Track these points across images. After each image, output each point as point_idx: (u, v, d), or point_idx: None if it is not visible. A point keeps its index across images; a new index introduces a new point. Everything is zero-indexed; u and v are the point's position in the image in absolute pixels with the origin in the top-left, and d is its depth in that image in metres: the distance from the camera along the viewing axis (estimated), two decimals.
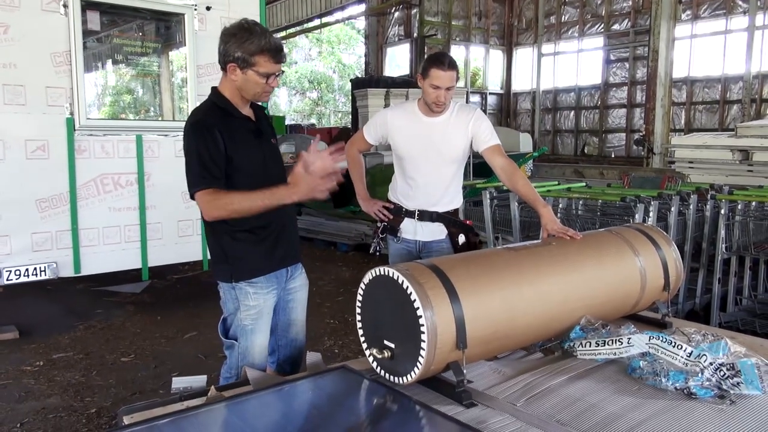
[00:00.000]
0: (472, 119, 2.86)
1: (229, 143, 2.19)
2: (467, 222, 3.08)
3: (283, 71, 2.32)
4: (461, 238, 2.94)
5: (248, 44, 2.17)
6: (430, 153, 2.87)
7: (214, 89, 2.33)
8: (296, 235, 2.52)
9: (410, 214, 2.94)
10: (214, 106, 2.27)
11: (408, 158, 2.92)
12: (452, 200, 2.97)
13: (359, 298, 2.02)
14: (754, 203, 4.28)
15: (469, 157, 3.29)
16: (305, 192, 2.09)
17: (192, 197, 2.20)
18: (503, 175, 2.85)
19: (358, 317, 2.03)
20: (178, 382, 2.07)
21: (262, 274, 2.32)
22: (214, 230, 2.32)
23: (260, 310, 2.34)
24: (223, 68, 2.25)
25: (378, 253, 3.13)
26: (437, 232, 2.94)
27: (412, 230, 2.95)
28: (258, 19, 5.40)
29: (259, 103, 2.47)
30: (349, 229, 8.10)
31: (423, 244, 2.95)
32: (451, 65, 2.74)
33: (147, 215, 4.86)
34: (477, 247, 3.04)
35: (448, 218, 2.94)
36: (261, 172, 2.29)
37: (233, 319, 2.36)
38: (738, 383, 1.86)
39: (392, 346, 1.90)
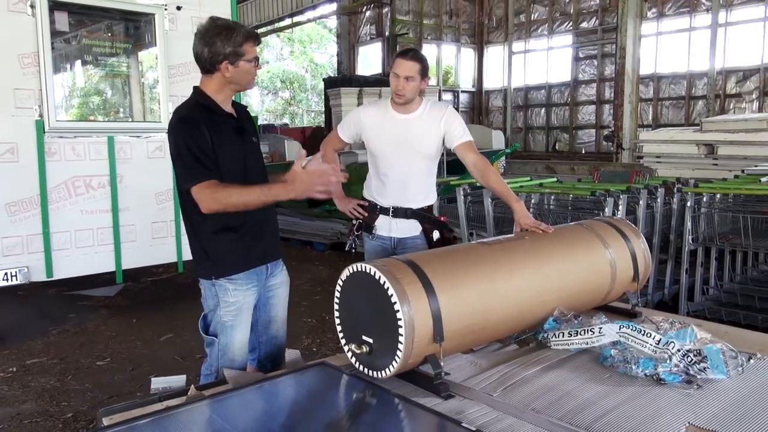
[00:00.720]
0: (444, 116, 2.90)
1: (214, 139, 2.22)
2: (441, 218, 3.12)
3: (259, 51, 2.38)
4: (435, 234, 2.97)
5: (235, 37, 2.22)
6: (404, 149, 2.90)
7: (197, 88, 2.34)
8: (277, 233, 2.54)
9: (385, 211, 2.97)
10: (197, 104, 2.29)
11: (381, 155, 2.95)
12: (426, 197, 3.01)
13: (337, 294, 2.05)
14: (718, 195, 4.40)
15: (443, 155, 3.34)
16: (302, 190, 2.11)
17: (187, 191, 2.19)
18: (476, 172, 2.90)
19: (336, 313, 2.06)
20: (158, 383, 2.08)
21: (242, 270, 2.34)
22: (194, 228, 2.33)
23: (240, 307, 2.35)
24: (211, 69, 2.26)
25: (353, 251, 3.17)
26: (412, 228, 2.98)
27: (387, 227, 2.98)
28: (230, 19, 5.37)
29: (242, 103, 2.51)
30: (325, 228, 8.10)
31: (398, 241, 2.98)
32: (413, 57, 2.80)
33: (120, 217, 4.81)
34: (452, 243, 3.09)
35: (422, 215, 2.98)
36: (241, 170, 2.31)
37: (213, 316, 2.37)
38: (704, 368, 1.93)
39: (370, 341, 1.93)
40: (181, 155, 2.21)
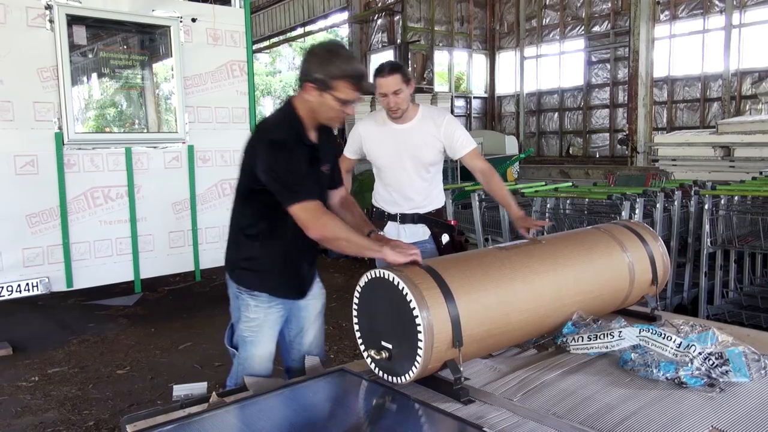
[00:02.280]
0: (444, 124, 2.91)
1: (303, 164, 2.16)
2: (451, 222, 3.13)
3: (361, 99, 2.25)
4: (445, 238, 2.99)
5: (330, 67, 2.10)
6: (404, 159, 2.93)
7: (290, 103, 2.24)
8: (314, 267, 2.50)
9: (393, 217, 3.00)
10: (289, 127, 2.19)
11: (383, 166, 2.99)
12: (433, 201, 3.03)
13: (355, 300, 2.06)
14: (736, 197, 4.37)
15: (457, 161, 3.36)
16: (390, 256, 2.00)
17: (286, 208, 2.09)
18: (482, 178, 2.95)
19: (355, 320, 2.06)
20: (179, 390, 2.10)
21: (266, 292, 2.29)
22: (238, 235, 2.30)
23: (260, 324, 2.30)
24: (300, 86, 2.18)
25: (367, 260, 3.19)
26: (420, 233, 3.00)
27: (395, 233, 2.99)
28: (243, 30, 5.44)
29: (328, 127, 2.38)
30: None
31: None
32: (392, 70, 2.80)
33: (138, 227, 4.87)
34: (462, 246, 3.10)
35: (430, 219, 3.00)
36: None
37: (236, 328, 2.35)
38: (726, 371, 1.91)
39: (389, 346, 1.94)
40: (279, 176, 2.09)
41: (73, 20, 4.62)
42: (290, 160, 2.11)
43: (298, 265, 2.37)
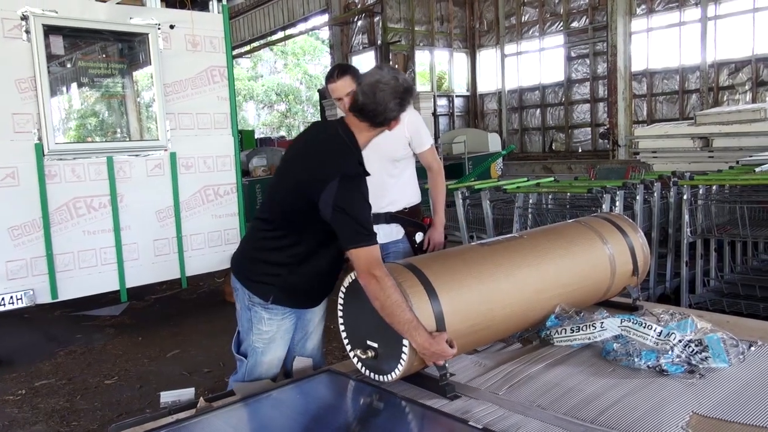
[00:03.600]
0: (407, 118, 2.89)
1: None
2: (425, 220, 3.12)
3: None
4: (418, 237, 3.00)
5: (404, 104, 2.19)
6: (370, 156, 2.88)
7: (351, 133, 2.20)
8: (333, 286, 2.41)
9: None
10: (356, 156, 2.18)
11: None
12: (405, 198, 3.03)
13: (340, 301, 2.07)
14: (714, 187, 4.43)
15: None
16: (429, 356, 1.90)
17: (346, 248, 2.03)
18: (430, 176, 3.10)
19: (341, 320, 2.08)
20: (167, 396, 2.10)
21: (284, 305, 2.27)
22: (277, 253, 2.23)
23: (273, 336, 2.28)
24: (382, 123, 2.18)
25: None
26: (393, 233, 3.01)
27: None
28: (222, 35, 5.43)
29: None
30: None
31: (381, 247, 2.96)
32: (341, 73, 2.84)
33: (122, 236, 4.84)
34: (443, 246, 3.11)
35: (403, 219, 3.01)
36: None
37: (246, 338, 2.31)
38: (706, 358, 1.96)
39: (375, 345, 1.96)
40: (349, 215, 2.02)
41: (49, 30, 4.58)
42: (362, 199, 2.06)
43: (326, 285, 2.36)
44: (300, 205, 2.12)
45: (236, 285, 2.32)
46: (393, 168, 2.99)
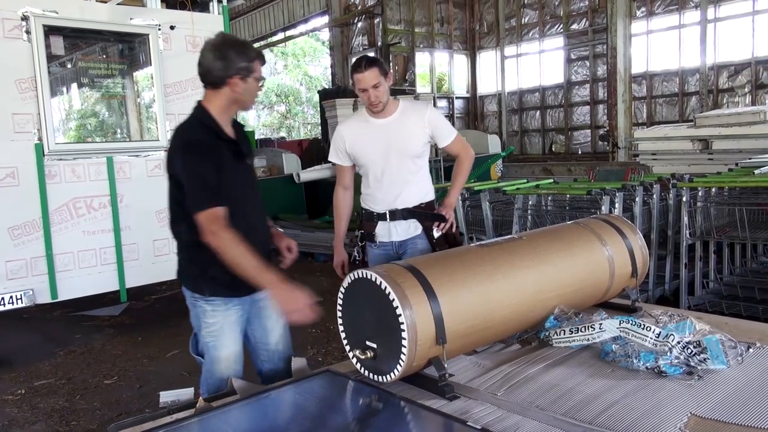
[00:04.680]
0: (428, 113, 2.93)
1: (217, 165, 2.20)
2: (443, 212, 3.01)
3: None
4: (436, 233, 2.96)
5: (248, 52, 2.23)
6: (389, 153, 2.91)
7: (200, 106, 2.30)
8: (271, 259, 2.44)
9: (382, 217, 2.97)
10: (202, 126, 2.26)
11: (368, 163, 2.96)
12: (420, 194, 3.00)
13: (339, 302, 2.08)
14: (714, 189, 4.44)
15: (439, 161, 3.37)
16: (284, 302, 2.09)
17: (192, 215, 2.16)
18: (457, 161, 3.09)
19: (340, 321, 2.08)
20: (166, 396, 2.10)
21: (222, 296, 2.30)
22: (183, 240, 2.33)
23: (221, 327, 2.30)
24: (221, 83, 2.23)
25: (357, 262, 3.15)
26: (411, 229, 2.97)
27: (386, 233, 2.97)
28: None
29: (239, 121, 2.49)
30: (325, 239, 8.12)
31: (399, 244, 2.97)
32: (369, 65, 2.80)
33: (122, 236, 4.85)
34: (457, 240, 3.08)
35: (420, 213, 2.97)
36: (240, 195, 2.30)
37: (199, 336, 2.36)
38: (705, 359, 1.96)
39: (374, 346, 1.96)
40: (191, 179, 2.18)
41: (50, 31, 4.59)
42: (200, 164, 2.17)
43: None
44: (176, 191, 2.27)
45: (183, 290, 2.37)
46: (412, 165, 2.96)
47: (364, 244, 3.08)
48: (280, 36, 19.73)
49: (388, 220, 2.96)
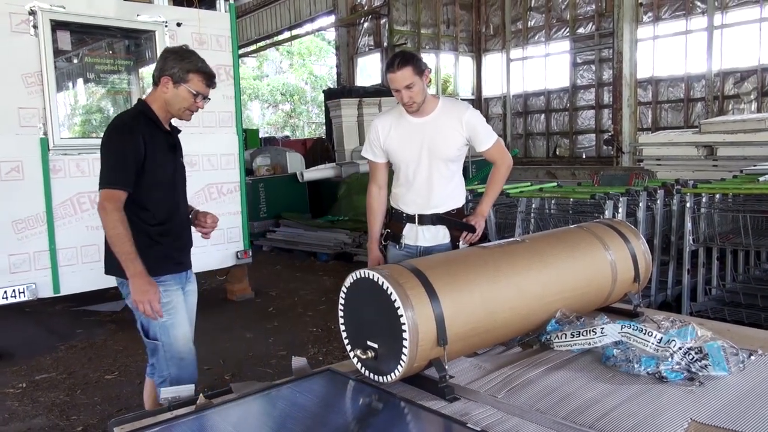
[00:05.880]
0: (466, 117, 2.80)
1: (149, 152, 2.36)
2: (471, 222, 2.87)
3: (209, 98, 2.51)
4: (462, 244, 2.83)
5: (186, 63, 2.40)
6: (422, 154, 2.80)
7: (142, 101, 2.50)
8: (191, 243, 2.68)
9: (410, 218, 2.86)
10: (141, 115, 2.43)
11: (401, 162, 2.85)
12: (452, 200, 2.89)
13: (341, 301, 2.08)
14: (718, 196, 4.43)
15: (468, 156, 3.24)
16: (136, 291, 2.30)
17: (99, 187, 2.35)
18: (494, 168, 2.97)
19: (341, 320, 2.08)
20: (166, 392, 2.10)
21: (170, 273, 2.47)
22: (138, 228, 2.41)
23: (175, 306, 2.46)
24: (156, 82, 2.43)
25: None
26: (439, 236, 2.86)
27: (413, 236, 2.87)
28: (229, 34, 5.45)
29: (176, 127, 2.63)
30: (329, 239, 8.13)
31: (424, 249, 2.86)
32: (401, 64, 2.65)
33: None
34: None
35: (450, 220, 2.85)
36: (170, 184, 2.49)
37: (149, 321, 2.43)
38: (706, 365, 1.95)
39: (375, 346, 1.96)
40: (107, 156, 2.37)
41: (57, 26, 4.61)
42: (127, 141, 2.32)
43: (184, 234, 2.60)
44: None
45: (119, 283, 2.52)
46: (445, 169, 2.83)
47: (387, 245, 2.97)
48: (286, 35, 19.76)
49: (416, 223, 2.86)
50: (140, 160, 2.34)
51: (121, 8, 4.92)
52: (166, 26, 5.07)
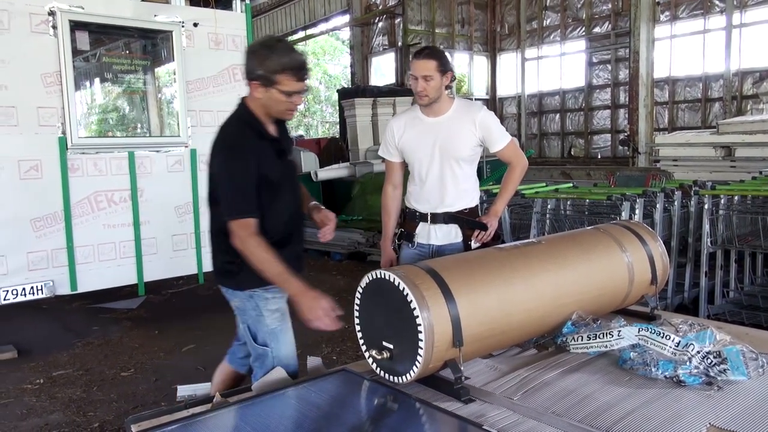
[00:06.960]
0: (480, 117, 2.83)
1: (261, 172, 2.23)
2: (484, 221, 2.90)
3: (307, 88, 2.31)
4: (473, 243, 2.86)
5: (269, 62, 2.17)
6: (435, 152, 2.84)
7: (244, 104, 2.33)
8: (302, 255, 2.56)
9: (423, 217, 2.90)
10: (246, 128, 2.27)
11: (415, 161, 2.90)
12: (464, 199, 2.91)
13: (357, 301, 2.08)
14: (736, 197, 4.38)
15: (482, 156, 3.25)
16: (306, 309, 2.16)
17: (225, 221, 2.22)
18: (508, 169, 2.98)
19: (357, 320, 2.09)
20: (184, 390, 2.13)
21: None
22: (227, 242, 2.29)
23: (283, 313, 2.40)
24: (250, 79, 2.25)
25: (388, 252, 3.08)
26: (453, 235, 2.89)
27: (426, 234, 2.91)
28: (244, 34, 5.48)
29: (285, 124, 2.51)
30: (342, 238, 8.14)
31: (437, 249, 2.89)
32: (428, 55, 2.75)
33: (141, 231, 4.90)
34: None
35: (462, 219, 2.88)
36: (281, 190, 2.35)
37: (258, 327, 2.37)
38: (724, 370, 1.93)
39: (391, 346, 1.96)
40: (226, 184, 2.23)
41: (76, 26, 4.66)
42: (240, 171, 2.20)
43: (296, 247, 2.47)
44: (213, 190, 2.34)
45: (225, 291, 2.41)
46: (458, 168, 2.86)
47: (400, 244, 3.00)
48: (301, 34, 19.80)
49: (429, 221, 2.90)
50: (255, 177, 2.22)
51: (139, 8, 4.97)
52: (182, 26, 5.11)
